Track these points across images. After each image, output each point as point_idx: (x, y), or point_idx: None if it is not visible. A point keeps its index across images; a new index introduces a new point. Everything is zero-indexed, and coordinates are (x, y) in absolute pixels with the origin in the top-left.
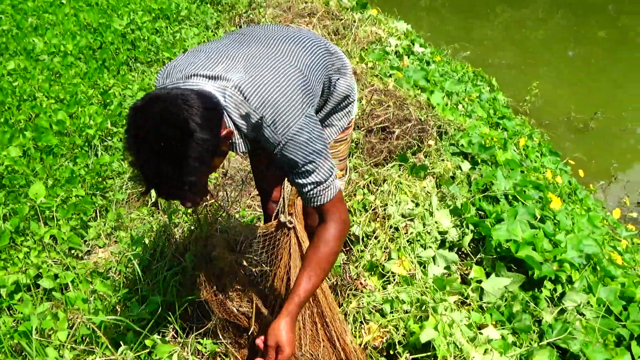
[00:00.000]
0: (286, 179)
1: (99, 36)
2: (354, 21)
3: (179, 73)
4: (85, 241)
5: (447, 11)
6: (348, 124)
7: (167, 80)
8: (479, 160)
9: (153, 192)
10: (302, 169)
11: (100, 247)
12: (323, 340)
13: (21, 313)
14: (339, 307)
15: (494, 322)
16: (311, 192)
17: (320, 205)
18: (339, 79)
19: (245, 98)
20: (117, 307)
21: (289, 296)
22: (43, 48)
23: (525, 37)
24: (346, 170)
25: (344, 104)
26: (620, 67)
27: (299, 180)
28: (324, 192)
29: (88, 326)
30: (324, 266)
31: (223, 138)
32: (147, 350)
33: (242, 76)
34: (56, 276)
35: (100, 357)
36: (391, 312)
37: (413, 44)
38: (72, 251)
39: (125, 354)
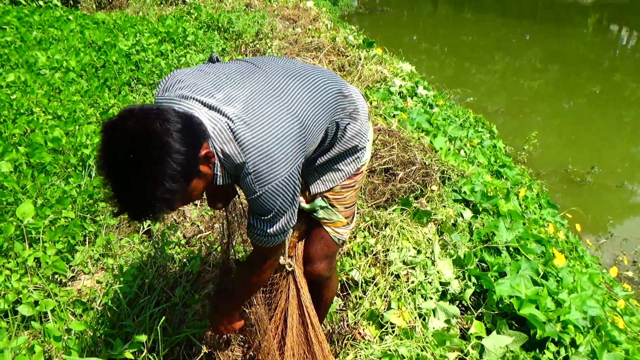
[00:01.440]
0: None
1: (103, 55)
2: (360, 59)
3: (178, 91)
4: (71, 266)
5: (446, 56)
6: (357, 170)
7: (165, 93)
8: (481, 209)
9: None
10: (264, 216)
11: (85, 274)
12: None
13: None
14: (335, 358)
15: None
16: (256, 234)
17: (257, 244)
18: (349, 123)
19: (234, 137)
20: (98, 343)
21: None
22: (45, 62)
23: (522, 86)
24: (352, 217)
25: (353, 150)
26: (614, 123)
27: (253, 221)
28: (265, 239)
29: None
30: (245, 289)
31: (203, 158)
32: None
33: (239, 114)
34: (36, 303)
35: None
36: None
37: (417, 86)
38: (56, 276)
39: None
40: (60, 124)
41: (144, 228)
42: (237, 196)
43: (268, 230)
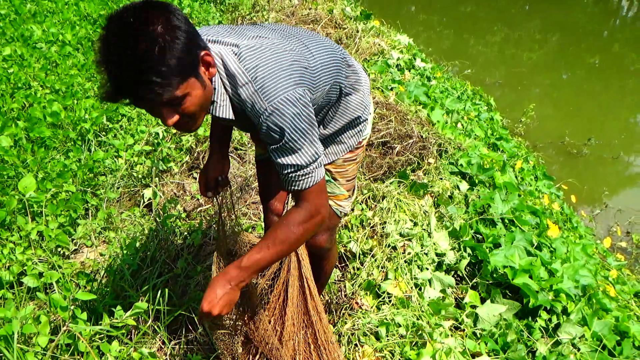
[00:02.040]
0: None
1: (99, 28)
2: (357, 31)
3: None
4: (73, 239)
5: (444, 27)
6: (358, 144)
7: None
8: (477, 181)
9: (146, 193)
10: (284, 145)
11: (88, 247)
12: None
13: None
14: (333, 327)
15: (487, 351)
16: (290, 175)
17: (298, 190)
18: (350, 93)
19: (239, 58)
20: (102, 313)
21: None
22: (41, 36)
23: (521, 57)
24: (353, 190)
25: (355, 122)
26: (612, 94)
27: (279, 160)
28: (303, 177)
29: (70, 334)
30: (279, 246)
31: (202, 59)
32: None
33: (247, 44)
34: (41, 275)
35: None
36: (387, 336)
37: (415, 58)
38: (59, 249)
39: None
40: (58, 98)
41: (144, 202)
42: (229, 187)
43: (297, 162)
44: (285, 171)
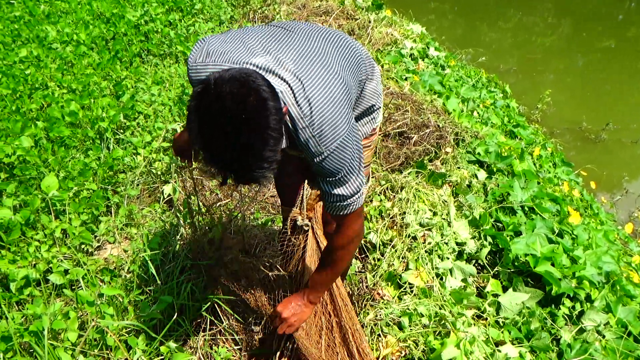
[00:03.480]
0: (306, 183)
1: (112, 26)
2: (369, 22)
3: (223, 56)
4: (96, 236)
5: (456, 15)
6: (372, 131)
7: (207, 59)
8: (495, 170)
9: (166, 189)
10: (335, 178)
11: (110, 243)
12: (341, 350)
13: (31, 310)
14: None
15: (511, 339)
16: (336, 204)
17: (339, 216)
18: (367, 84)
19: (296, 101)
20: (128, 308)
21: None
22: (56, 36)
23: (535, 43)
24: (368, 177)
25: (369, 110)
26: (629, 78)
27: (328, 189)
28: (347, 206)
29: (98, 329)
30: (333, 269)
31: (283, 114)
32: (161, 357)
33: (292, 78)
34: (66, 272)
35: None
36: (410, 326)
37: (428, 47)
38: (83, 246)
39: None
40: (75, 97)
41: (164, 198)
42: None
43: (344, 193)
44: (331, 200)
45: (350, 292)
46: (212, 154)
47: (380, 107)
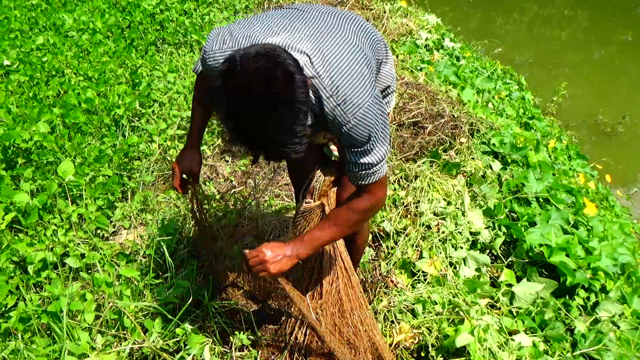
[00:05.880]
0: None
1: (128, 15)
2: (385, 12)
3: (241, 38)
4: (111, 222)
5: (471, 6)
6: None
7: (224, 45)
8: (510, 161)
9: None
10: (362, 148)
11: (126, 229)
12: (351, 336)
13: (48, 292)
14: (369, 305)
15: (525, 329)
16: (361, 172)
17: (364, 184)
18: (383, 64)
19: (317, 72)
20: (144, 291)
21: None
22: (72, 24)
23: (551, 35)
24: None
25: (384, 93)
26: None
27: (353, 158)
28: (372, 174)
29: (115, 310)
30: (339, 227)
31: (308, 87)
32: (177, 339)
33: (310, 50)
34: (83, 256)
35: (131, 344)
36: (423, 313)
37: (443, 38)
38: (99, 231)
39: (155, 341)
40: (91, 84)
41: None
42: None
43: (370, 161)
44: (357, 169)
45: (364, 279)
46: (243, 132)
47: (394, 91)
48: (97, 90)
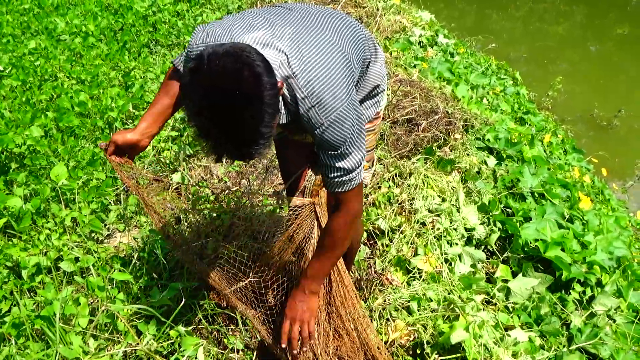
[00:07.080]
0: (309, 170)
1: (120, 18)
2: (378, 9)
3: (223, 32)
4: (105, 225)
5: (466, 3)
6: (376, 115)
7: (207, 39)
8: (505, 156)
9: (175, 177)
10: (337, 151)
11: (120, 232)
12: (344, 336)
13: (42, 296)
14: (364, 303)
15: (520, 324)
16: (335, 179)
17: (339, 192)
18: (371, 64)
19: (293, 72)
20: (138, 294)
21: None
22: (64, 28)
23: (546, 31)
24: (373, 162)
25: (373, 92)
26: None
27: (329, 161)
28: (348, 181)
29: (108, 314)
30: (332, 251)
31: (279, 89)
32: (171, 341)
33: (289, 49)
34: (77, 259)
35: (125, 347)
36: (418, 310)
37: (437, 35)
38: (93, 234)
39: (149, 344)
40: (84, 88)
41: (173, 186)
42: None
43: (345, 166)
44: (332, 174)
45: (359, 277)
46: (207, 131)
47: (384, 90)
48: (90, 94)
